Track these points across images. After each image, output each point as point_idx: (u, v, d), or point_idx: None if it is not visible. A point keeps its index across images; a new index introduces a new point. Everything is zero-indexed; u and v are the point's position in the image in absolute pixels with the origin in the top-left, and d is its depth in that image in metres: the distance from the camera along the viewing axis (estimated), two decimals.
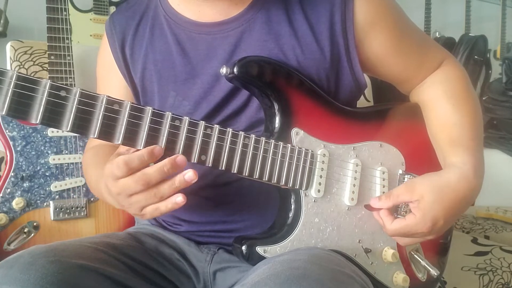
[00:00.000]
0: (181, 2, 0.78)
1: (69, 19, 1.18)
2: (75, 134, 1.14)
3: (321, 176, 0.71)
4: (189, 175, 0.59)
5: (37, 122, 0.53)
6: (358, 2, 0.74)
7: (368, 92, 1.42)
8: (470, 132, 0.78)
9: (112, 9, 2.37)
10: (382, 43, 0.78)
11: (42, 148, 1.12)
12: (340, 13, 0.74)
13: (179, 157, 0.59)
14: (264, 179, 0.67)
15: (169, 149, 0.60)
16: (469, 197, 0.73)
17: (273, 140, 0.67)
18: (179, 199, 0.60)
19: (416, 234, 0.72)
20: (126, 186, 0.59)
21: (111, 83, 0.86)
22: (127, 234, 0.79)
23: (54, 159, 1.12)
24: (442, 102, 0.81)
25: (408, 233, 0.72)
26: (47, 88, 0.53)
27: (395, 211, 0.75)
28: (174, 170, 0.59)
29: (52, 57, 1.15)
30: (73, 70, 1.16)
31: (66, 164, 1.14)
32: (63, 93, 0.54)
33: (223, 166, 0.63)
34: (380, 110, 0.82)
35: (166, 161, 0.58)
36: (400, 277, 0.76)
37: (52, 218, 1.12)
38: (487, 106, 2.13)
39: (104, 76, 0.88)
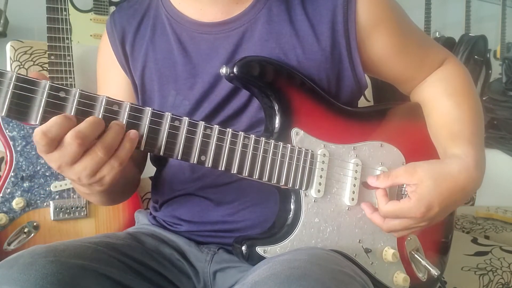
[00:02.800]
0: (182, 0, 0.78)
1: (69, 19, 1.18)
2: None
3: (321, 176, 0.71)
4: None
5: (37, 123, 0.53)
6: (360, 3, 0.74)
7: (368, 92, 1.42)
8: (472, 127, 0.78)
9: (112, 9, 2.37)
10: (384, 43, 0.78)
11: None
12: (342, 14, 0.74)
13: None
14: (264, 179, 0.67)
15: (169, 150, 0.60)
16: (469, 189, 0.72)
17: (273, 140, 0.67)
18: (133, 132, 0.56)
19: (409, 219, 0.70)
20: (63, 152, 0.52)
21: (112, 80, 0.86)
22: (127, 234, 0.79)
23: None
24: (443, 99, 0.81)
25: (400, 215, 0.70)
26: (46, 89, 0.53)
27: (395, 195, 0.74)
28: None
29: (52, 57, 1.15)
30: (73, 70, 1.16)
31: None
32: (62, 94, 0.54)
33: (222, 166, 0.63)
34: (380, 110, 0.82)
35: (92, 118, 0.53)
36: (400, 276, 0.76)
37: (52, 218, 1.12)
38: (487, 106, 2.13)
39: (104, 73, 0.88)
